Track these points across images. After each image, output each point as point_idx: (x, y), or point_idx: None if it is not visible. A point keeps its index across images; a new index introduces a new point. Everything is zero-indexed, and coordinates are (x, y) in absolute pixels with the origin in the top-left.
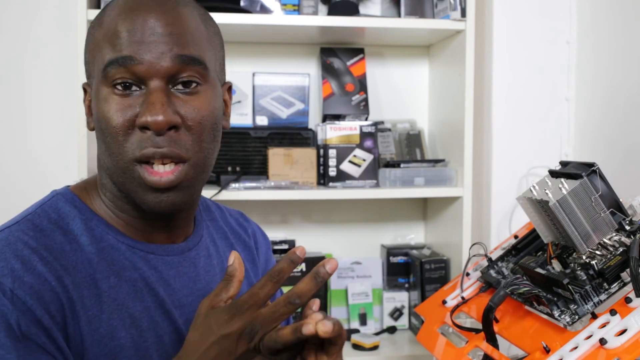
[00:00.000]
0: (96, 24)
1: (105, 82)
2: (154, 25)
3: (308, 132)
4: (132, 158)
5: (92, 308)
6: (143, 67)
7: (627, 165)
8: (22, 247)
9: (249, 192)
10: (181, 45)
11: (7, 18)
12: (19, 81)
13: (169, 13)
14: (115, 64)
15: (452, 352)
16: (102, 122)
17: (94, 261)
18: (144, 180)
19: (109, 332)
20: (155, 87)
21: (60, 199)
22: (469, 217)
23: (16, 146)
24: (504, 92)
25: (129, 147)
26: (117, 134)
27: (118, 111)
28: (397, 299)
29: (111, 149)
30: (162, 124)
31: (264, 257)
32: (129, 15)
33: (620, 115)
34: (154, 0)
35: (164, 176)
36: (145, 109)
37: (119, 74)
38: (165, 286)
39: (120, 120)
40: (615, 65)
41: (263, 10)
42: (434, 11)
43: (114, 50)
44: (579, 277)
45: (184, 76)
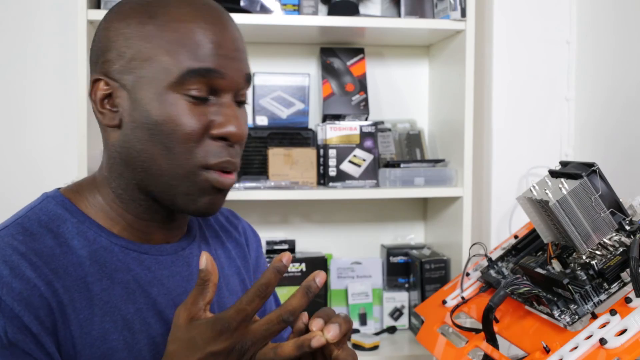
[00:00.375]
0: (149, 22)
1: (179, 87)
2: (232, 39)
3: (308, 132)
4: (203, 164)
5: (83, 311)
6: (224, 82)
7: (627, 165)
8: (10, 252)
9: (249, 192)
10: (247, 64)
11: (7, 18)
12: (19, 81)
13: (234, 27)
14: (197, 74)
15: (452, 352)
16: (167, 126)
17: (86, 264)
18: (211, 182)
19: (101, 335)
20: (229, 100)
21: (51, 201)
22: (469, 217)
23: (16, 146)
24: (504, 92)
25: (201, 153)
26: (189, 139)
27: (193, 118)
28: (397, 299)
29: (175, 153)
30: (242, 137)
31: (255, 253)
32: (210, 24)
33: (620, 115)
34: (219, 11)
35: (229, 177)
36: (227, 121)
37: (198, 84)
38: (159, 286)
39: (196, 128)
40: (615, 65)
41: (263, 10)
42: (434, 11)
43: (196, 59)
44: (579, 277)
45: (242, 92)
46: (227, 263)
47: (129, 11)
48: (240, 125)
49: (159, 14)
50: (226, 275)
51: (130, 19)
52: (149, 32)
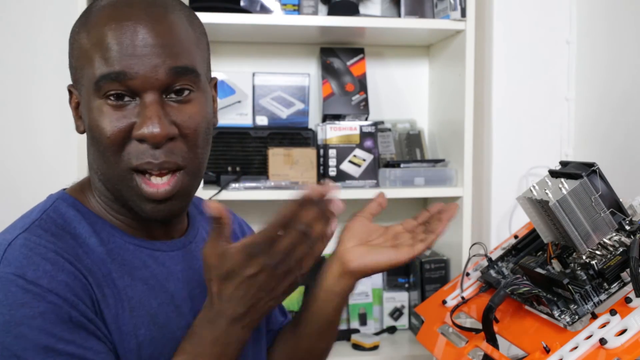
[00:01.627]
0: (82, 29)
1: (97, 93)
2: (145, 36)
3: (308, 132)
4: (128, 167)
5: (114, 306)
6: (137, 82)
7: (627, 165)
8: (45, 250)
9: (249, 192)
10: (174, 56)
11: (7, 18)
12: (19, 81)
13: (159, 21)
14: (107, 79)
15: (452, 352)
16: (95, 131)
17: (107, 261)
18: (142, 191)
19: (131, 330)
20: (150, 100)
21: (62, 203)
22: (469, 217)
23: (16, 146)
24: (504, 92)
25: (125, 156)
26: (112, 143)
27: (112, 122)
28: (397, 299)
29: (106, 157)
30: (160, 137)
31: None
32: (119, 25)
33: (620, 115)
34: (143, 8)
35: (161, 187)
36: (142, 122)
37: (112, 87)
38: (175, 281)
39: (115, 131)
40: (615, 65)
41: (263, 10)
42: (434, 11)
43: (106, 64)
44: (579, 277)
45: (178, 86)
46: None
47: (79, 19)
48: (156, 124)
49: (88, 21)
50: None
51: (75, 27)
52: (81, 40)
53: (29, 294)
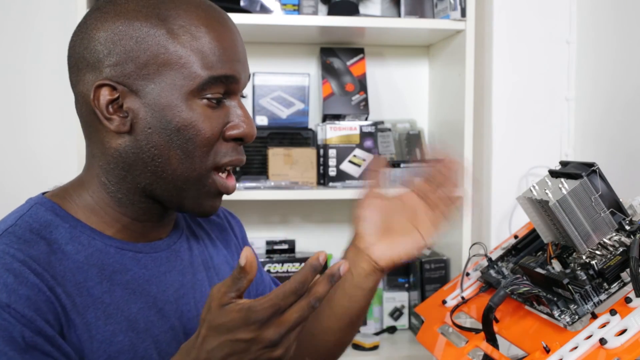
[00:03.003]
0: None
1: (198, 94)
2: (240, 43)
3: (308, 132)
4: (213, 165)
5: (86, 315)
6: (238, 86)
7: (627, 165)
8: (10, 260)
9: (249, 192)
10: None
11: (7, 18)
12: (19, 81)
13: (236, 28)
14: (217, 81)
15: (452, 352)
16: (188, 131)
17: (84, 268)
18: (220, 187)
19: (106, 338)
20: (240, 102)
21: (40, 208)
22: (469, 217)
23: (16, 146)
24: (504, 92)
25: (212, 155)
26: (207, 143)
27: (212, 122)
28: (397, 299)
29: (194, 157)
30: (254, 137)
31: (240, 234)
32: (220, 30)
33: (621, 115)
34: (222, 12)
35: (232, 182)
36: (240, 123)
37: (216, 90)
38: (157, 284)
39: (215, 132)
40: (616, 65)
41: (263, 10)
42: (434, 11)
43: (215, 66)
44: (579, 277)
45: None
46: (214, 253)
47: (133, 12)
48: (251, 124)
49: (169, 17)
50: (216, 265)
51: (137, 21)
52: (162, 35)
53: None
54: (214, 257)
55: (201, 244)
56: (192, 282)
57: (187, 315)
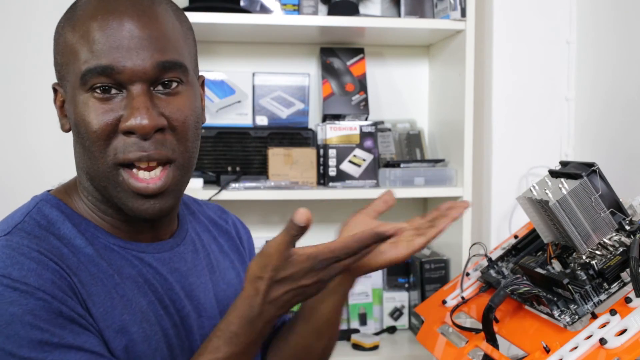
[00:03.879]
0: (67, 24)
1: (83, 87)
2: (132, 28)
3: (308, 132)
4: (115, 162)
5: (103, 304)
6: (124, 75)
7: (627, 165)
8: (28, 250)
9: (248, 192)
10: (161, 50)
11: (7, 18)
12: (18, 80)
13: (146, 14)
14: (94, 72)
15: (452, 352)
16: (81, 127)
17: (95, 260)
18: (130, 186)
19: (121, 327)
20: (137, 91)
21: (45, 205)
22: (469, 217)
23: (16, 145)
24: (504, 92)
25: (111, 151)
26: (98, 138)
27: (99, 115)
28: (397, 299)
29: (92, 153)
30: (148, 128)
31: (247, 245)
32: (104, 18)
33: (621, 115)
34: (129, 1)
35: (151, 183)
36: (130, 114)
37: (98, 81)
38: (162, 282)
39: (102, 125)
40: (616, 65)
41: (263, 10)
42: (434, 11)
43: (92, 57)
44: (579, 277)
45: (165, 79)
46: (221, 257)
47: (65, 14)
48: (144, 115)
49: (73, 16)
50: (221, 269)
51: (59, 24)
52: (66, 35)
53: (16, 292)
54: (220, 261)
55: (207, 248)
56: (195, 284)
57: (190, 316)
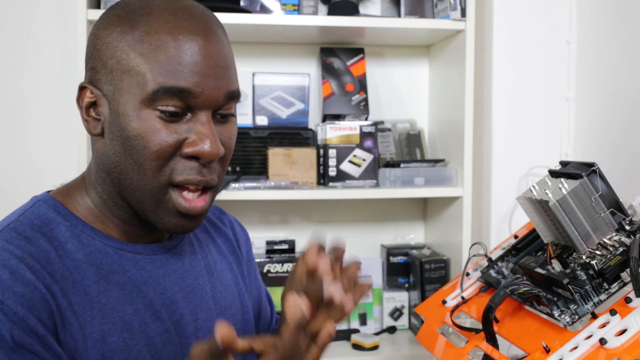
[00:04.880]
0: (129, 31)
1: (150, 104)
2: (210, 55)
3: (308, 132)
4: (168, 182)
5: (82, 314)
6: (199, 101)
7: (627, 165)
8: (8, 256)
9: (248, 192)
10: (230, 79)
11: (7, 18)
12: (19, 81)
13: (219, 43)
14: (169, 92)
15: (452, 352)
16: (137, 142)
17: (82, 267)
18: (177, 205)
19: (100, 337)
20: (206, 118)
21: (42, 205)
22: (469, 217)
23: (16, 146)
24: (504, 92)
25: (167, 171)
26: (158, 157)
27: (162, 135)
28: (397, 299)
29: (144, 169)
30: (215, 156)
31: (245, 247)
32: (188, 39)
33: (621, 115)
34: (204, 24)
35: (198, 204)
36: (199, 140)
37: (170, 102)
38: (154, 286)
39: (164, 145)
40: (616, 65)
41: (263, 10)
42: (434, 11)
43: (169, 76)
44: (579, 277)
45: (226, 109)
46: (219, 259)
47: (114, 19)
48: (213, 143)
49: (140, 24)
50: (219, 271)
51: (114, 27)
52: (128, 42)
53: None
54: (218, 263)
55: (205, 249)
56: (192, 285)
57: (185, 318)
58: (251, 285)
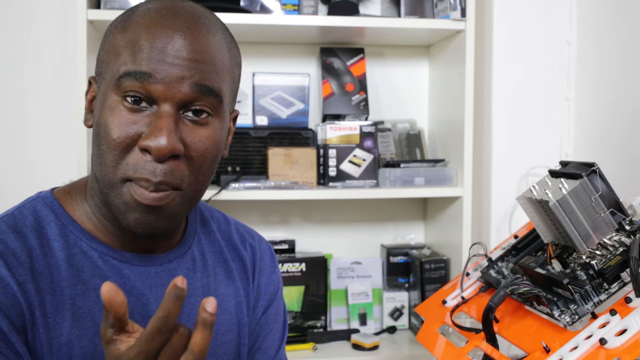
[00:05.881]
0: (120, 25)
1: (116, 90)
2: (180, 47)
3: (308, 132)
4: (124, 177)
5: (53, 315)
6: (159, 88)
7: (628, 165)
8: None
9: (248, 192)
10: (202, 74)
11: (7, 18)
12: (18, 81)
13: (199, 39)
14: (131, 77)
15: (452, 352)
16: (102, 130)
17: (63, 267)
18: (134, 194)
19: (69, 341)
20: (166, 111)
21: (40, 201)
22: (469, 217)
23: (16, 146)
24: (504, 92)
25: (124, 165)
26: (115, 147)
27: (122, 125)
28: (397, 299)
29: (105, 159)
30: (164, 151)
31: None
32: (157, 30)
33: (621, 115)
34: (187, 22)
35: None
36: (151, 133)
37: (132, 87)
38: (137, 296)
39: (122, 136)
40: (616, 65)
41: (263, 10)
42: (434, 11)
43: (134, 62)
44: (579, 277)
45: (197, 105)
46: (225, 282)
47: (118, 17)
48: (166, 137)
49: (129, 19)
50: (220, 294)
51: (114, 23)
52: (116, 34)
53: None
54: (222, 286)
55: (209, 270)
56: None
57: None
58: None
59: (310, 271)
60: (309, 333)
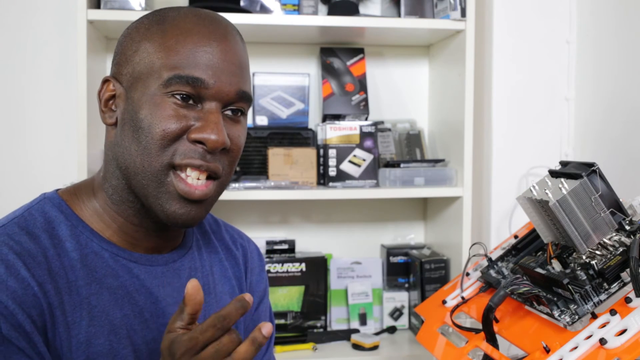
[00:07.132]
0: (156, 29)
1: (164, 89)
2: (227, 54)
3: (308, 132)
4: (170, 163)
5: (71, 314)
6: (209, 92)
7: (627, 165)
8: (7, 251)
9: (248, 192)
10: (244, 81)
11: (7, 18)
12: (18, 81)
13: (235, 47)
14: (182, 80)
15: (452, 352)
16: (144, 123)
17: (77, 267)
18: (176, 188)
19: (87, 339)
20: (215, 108)
21: (48, 203)
22: (469, 217)
23: (16, 146)
24: (504, 92)
25: (170, 152)
26: (163, 137)
27: (172, 117)
28: (397, 299)
29: (149, 150)
30: (219, 144)
31: (257, 278)
32: (207, 37)
33: (621, 115)
34: (224, 30)
35: (199, 189)
36: (206, 126)
37: (183, 89)
38: (146, 295)
39: (172, 127)
40: (616, 65)
41: (263, 10)
42: (434, 11)
43: (184, 66)
44: (579, 277)
45: (236, 105)
46: (221, 281)
47: (144, 20)
48: (219, 133)
49: (166, 20)
50: (218, 293)
51: (143, 25)
52: (152, 34)
53: None
54: (219, 285)
55: (207, 269)
56: None
57: None
58: (249, 316)
59: (310, 271)
60: (309, 333)
